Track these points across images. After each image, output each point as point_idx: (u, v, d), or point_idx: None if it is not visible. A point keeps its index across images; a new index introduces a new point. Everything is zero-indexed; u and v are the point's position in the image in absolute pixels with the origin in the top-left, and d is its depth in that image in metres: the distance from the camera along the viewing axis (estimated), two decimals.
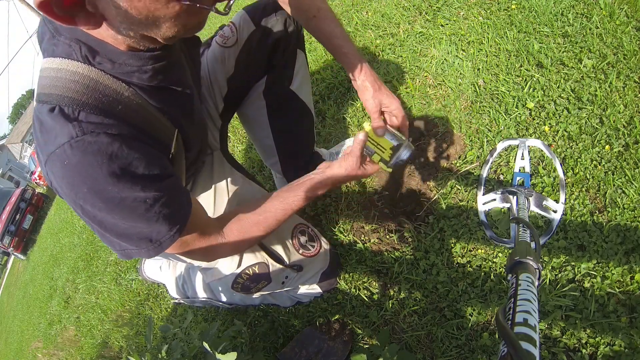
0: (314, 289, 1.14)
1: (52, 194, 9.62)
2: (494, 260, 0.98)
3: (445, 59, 1.37)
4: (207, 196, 0.96)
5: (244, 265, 0.89)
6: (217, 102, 1.01)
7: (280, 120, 1.05)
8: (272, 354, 1.18)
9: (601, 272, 0.85)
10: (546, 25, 1.23)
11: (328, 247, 1.10)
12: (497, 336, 0.90)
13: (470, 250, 1.02)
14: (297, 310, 1.22)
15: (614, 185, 0.93)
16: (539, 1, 1.28)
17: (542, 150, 1.04)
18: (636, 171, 0.92)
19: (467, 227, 1.05)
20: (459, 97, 1.26)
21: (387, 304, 1.06)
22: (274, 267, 0.92)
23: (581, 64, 1.10)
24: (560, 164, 1.00)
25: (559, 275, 0.89)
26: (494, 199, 1.03)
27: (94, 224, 0.58)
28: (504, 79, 1.20)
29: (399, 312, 1.04)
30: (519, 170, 1.04)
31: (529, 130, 1.09)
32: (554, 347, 0.83)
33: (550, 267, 0.90)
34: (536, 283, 0.45)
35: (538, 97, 1.11)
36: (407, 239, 1.13)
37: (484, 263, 0.99)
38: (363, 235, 1.23)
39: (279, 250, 0.94)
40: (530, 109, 1.11)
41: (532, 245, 0.54)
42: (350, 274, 1.17)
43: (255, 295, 1.09)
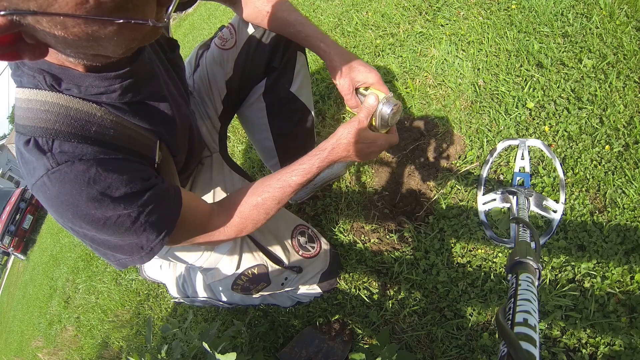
0: (314, 289, 1.14)
1: None
2: (494, 260, 0.98)
3: (445, 59, 1.37)
4: (206, 198, 0.96)
5: (243, 267, 0.89)
6: (216, 104, 1.01)
7: (280, 122, 1.05)
8: (272, 354, 1.18)
9: (601, 272, 0.85)
10: (546, 25, 1.23)
11: (328, 247, 1.10)
12: (497, 336, 0.90)
13: (470, 250, 1.02)
14: (297, 310, 1.22)
15: (614, 185, 0.93)
16: (539, 1, 1.28)
17: (542, 150, 1.04)
18: (636, 171, 0.92)
19: (467, 227, 1.05)
20: (459, 97, 1.26)
21: (387, 304, 1.06)
22: (273, 268, 0.92)
23: (581, 64, 1.10)
24: (560, 164, 1.00)
25: (559, 275, 0.89)
26: (494, 199, 1.03)
27: (86, 240, 0.60)
28: (504, 79, 1.20)
29: (399, 312, 1.04)
30: (519, 170, 1.04)
31: (529, 130, 1.08)
32: (554, 347, 0.83)
33: (550, 267, 0.90)
34: (536, 283, 0.45)
35: (538, 97, 1.11)
36: (407, 239, 1.13)
37: (484, 263, 0.99)
38: (363, 235, 1.23)
39: (278, 251, 0.94)
40: (530, 109, 1.11)
41: (532, 245, 0.54)
42: (350, 274, 1.17)
43: (255, 296, 1.09)
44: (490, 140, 1.13)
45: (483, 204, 1.05)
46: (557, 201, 0.96)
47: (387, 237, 1.17)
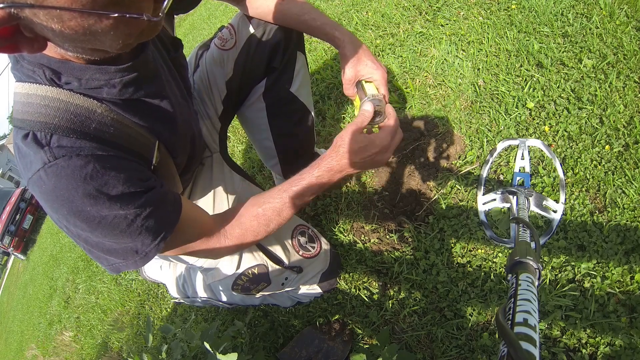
0: (314, 289, 1.14)
1: None
2: (494, 260, 0.98)
3: (445, 59, 1.37)
4: (207, 198, 0.96)
5: (243, 267, 0.89)
6: (216, 104, 1.01)
7: (280, 122, 1.05)
8: (272, 354, 1.18)
9: (601, 272, 0.85)
10: (546, 25, 1.23)
11: (328, 247, 1.10)
12: (497, 336, 0.90)
13: (470, 250, 1.02)
14: (297, 310, 1.22)
15: (614, 185, 0.93)
16: (539, 1, 1.28)
17: (542, 150, 1.04)
18: (636, 171, 0.92)
19: (467, 227, 1.05)
20: (459, 97, 1.26)
21: (387, 304, 1.06)
22: (273, 268, 0.92)
23: (581, 64, 1.10)
24: (560, 164, 1.00)
25: (559, 275, 0.89)
26: (494, 199, 1.03)
27: (80, 241, 0.59)
28: (504, 79, 1.20)
29: (399, 312, 1.04)
30: (519, 170, 1.04)
31: (529, 130, 1.09)
32: (554, 347, 0.83)
33: (550, 267, 0.90)
34: (536, 283, 0.45)
35: (538, 97, 1.11)
36: (407, 239, 1.13)
37: (484, 263, 0.99)
38: (363, 235, 1.23)
39: (278, 251, 0.94)
40: (530, 109, 1.11)
41: (532, 245, 0.54)
42: (350, 274, 1.17)
43: (255, 296, 1.09)
44: (490, 140, 1.13)
45: (483, 204, 1.05)
46: (557, 201, 0.96)
47: (387, 237, 1.17)
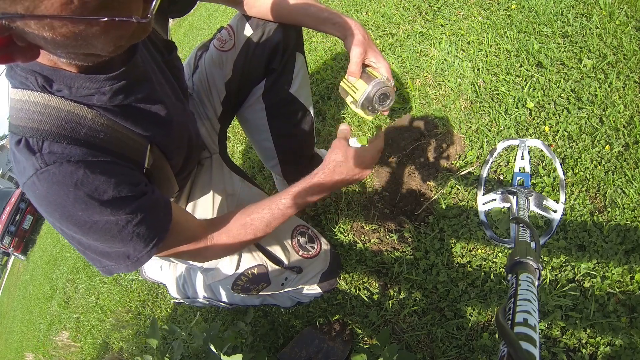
0: (314, 290, 1.14)
1: None
2: (494, 260, 0.98)
3: (445, 59, 1.37)
4: (206, 199, 0.96)
5: (243, 267, 0.89)
6: (216, 106, 1.01)
7: (279, 123, 1.05)
8: (273, 354, 1.18)
9: (601, 272, 0.85)
10: (546, 25, 1.23)
11: (328, 247, 1.10)
12: (497, 336, 0.90)
13: (470, 250, 1.02)
14: (297, 310, 1.22)
15: (614, 185, 0.93)
16: (539, 1, 1.28)
17: (542, 150, 1.04)
18: (636, 171, 0.92)
19: (467, 227, 1.05)
20: (459, 97, 1.26)
21: (387, 304, 1.06)
22: (273, 269, 0.92)
23: (581, 64, 1.11)
24: (560, 164, 1.00)
25: (559, 275, 0.89)
26: (494, 199, 1.03)
27: (74, 242, 0.60)
28: (504, 79, 1.20)
29: (399, 312, 1.04)
30: (519, 170, 1.04)
31: (529, 130, 1.09)
32: (554, 347, 0.83)
33: (550, 267, 0.90)
34: (536, 283, 0.45)
35: (538, 97, 1.11)
36: (407, 239, 1.13)
37: (484, 263, 0.99)
38: (363, 235, 1.23)
39: (278, 251, 0.94)
40: (530, 109, 1.11)
41: (532, 245, 0.54)
42: (350, 274, 1.17)
43: (255, 296, 1.09)
44: (490, 140, 1.13)
45: (483, 204, 1.05)
46: (557, 201, 0.96)
47: (387, 237, 1.17)
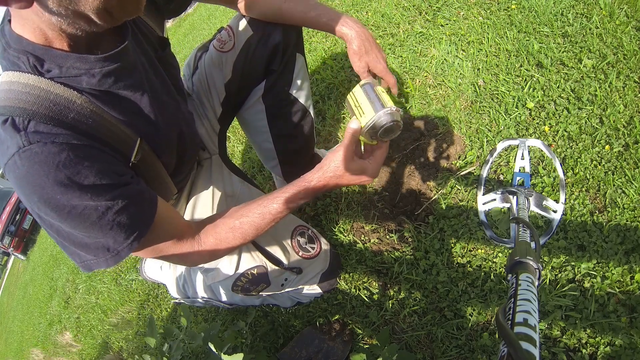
0: (314, 290, 1.14)
1: None
2: (494, 260, 0.98)
3: (445, 59, 1.37)
4: (206, 200, 0.96)
5: (243, 268, 0.89)
6: (215, 106, 1.01)
7: (279, 124, 1.04)
8: (273, 354, 1.18)
9: (601, 272, 0.85)
10: (546, 25, 1.23)
11: (328, 247, 1.10)
12: (497, 336, 0.90)
13: (470, 250, 1.02)
14: (297, 310, 1.22)
15: (614, 185, 0.93)
16: (539, 1, 1.28)
17: (542, 150, 1.04)
18: (636, 171, 0.92)
19: (467, 227, 1.05)
20: (459, 97, 1.26)
21: (387, 304, 1.06)
22: (273, 269, 0.92)
23: (581, 64, 1.11)
24: (560, 164, 1.00)
25: (559, 275, 0.89)
26: (494, 199, 1.03)
27: (52, 232, 0.59)
28: (504, 79, 1.20)
29: (399, 312, 1.04)
30: (519, 170, 1.04)
31: (529, 130, 1.09)
32: (554, 347, 0.83)
33: (550, 267, 0.90)
34: (536, 283, 0.45)
35: (538, 97, 1.11)
36: (407, 239, 1.13)
37: (484, 263, 0.99)
38: (363, 235, 1.23)
39: (278, 252, 0.94)
40: (530, 109, 1.11)
41: (532, 245, 0.54)
42: (350, 274, 1.17)
43: (255, 297, 1.09)
44: (490, 140, 1.13)
45: (483, 204, 1.05)
46: (557, 201, 0.96)
47: (387, 237, 1.17)
